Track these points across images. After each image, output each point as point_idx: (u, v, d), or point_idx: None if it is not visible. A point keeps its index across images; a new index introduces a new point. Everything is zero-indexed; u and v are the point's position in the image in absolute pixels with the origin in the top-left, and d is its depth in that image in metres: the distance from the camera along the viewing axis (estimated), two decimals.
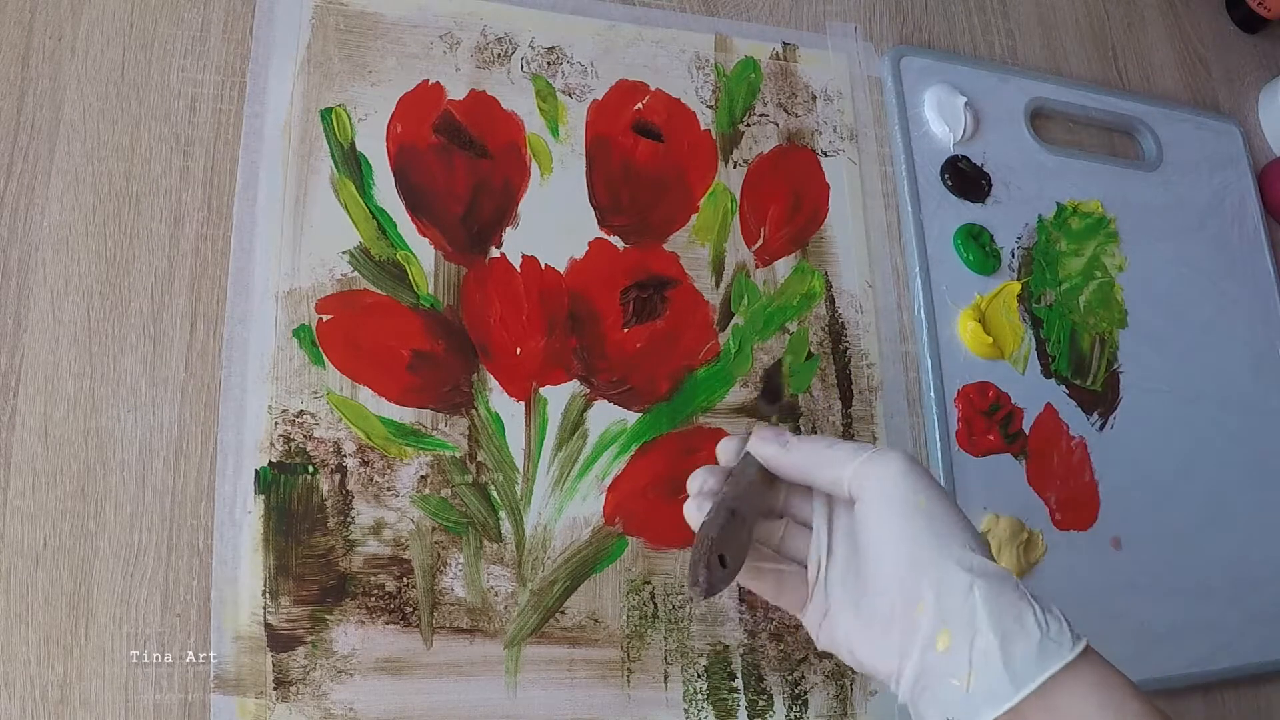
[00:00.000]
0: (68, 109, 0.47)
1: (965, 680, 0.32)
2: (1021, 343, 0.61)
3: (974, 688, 0.32)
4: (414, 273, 0.50)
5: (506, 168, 0.53)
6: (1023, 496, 0.57)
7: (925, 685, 0.34)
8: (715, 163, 0.58)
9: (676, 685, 0.49)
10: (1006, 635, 0.32)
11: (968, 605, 0.33)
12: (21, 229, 0.45)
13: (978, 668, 0.32)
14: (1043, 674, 0.32)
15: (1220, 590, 0.61)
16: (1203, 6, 0.80)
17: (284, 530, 0.45)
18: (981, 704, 0.32)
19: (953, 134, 0.63)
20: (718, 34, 0.61)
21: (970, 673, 0.32)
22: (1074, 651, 0.32)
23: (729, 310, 0.55)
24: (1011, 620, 0.33)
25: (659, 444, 0.52)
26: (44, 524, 0.42)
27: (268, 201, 0.49)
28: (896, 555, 0.35)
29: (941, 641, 0.33)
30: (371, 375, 0.48)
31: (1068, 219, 0.65)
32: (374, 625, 0.45)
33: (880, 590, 0.35)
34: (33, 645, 0.41)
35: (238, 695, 0.42)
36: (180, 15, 0.50)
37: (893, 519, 0.35)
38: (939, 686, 0.33)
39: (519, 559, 0.48)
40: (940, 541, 0.34)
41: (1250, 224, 0.72)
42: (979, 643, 0.32)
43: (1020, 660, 0.32)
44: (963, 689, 0.32)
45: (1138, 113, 0.71)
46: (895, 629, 0.34)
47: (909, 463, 0.36)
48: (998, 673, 0.32)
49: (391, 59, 0.53)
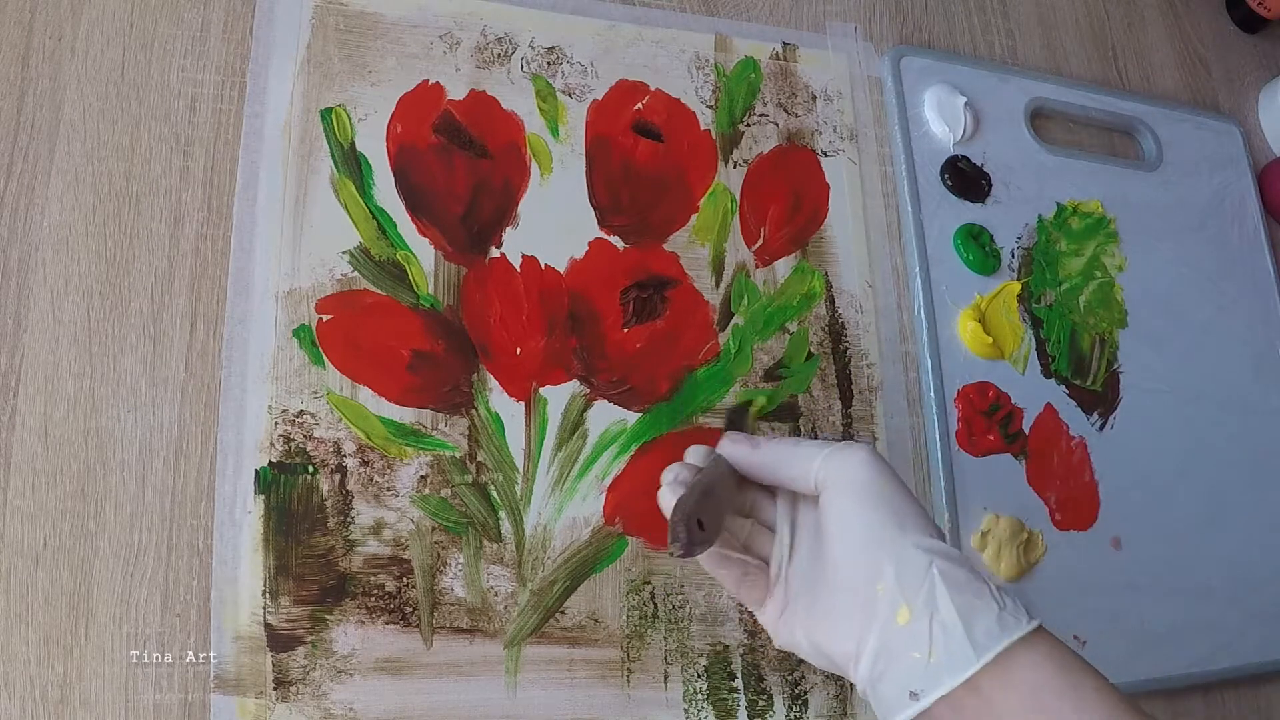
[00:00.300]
0: (68, 109, 0.47)
1: (927, 651, 0.34)
2: (1021, 343, 0.61)
3: (936, 658, 0.33)
4: (414, 273, 0.50)
5: (506, 168, 0.53)
6: (1023, 496, 0.57)
7: (886, 663, 0.35)
8: (715, 163, 0.58)
9: (676, 685, 0.49)
10: (966, 608, 0.34)
11: (927, 581, 0.34)
12: (21, 229, 0.45)
13: (938, 639, 0.33)
14: (1003, 642, 0.33)
15: (1220, 590, 0.61)
16: (1203, 6, 0.80)
17: (284, 530, 0.45)
18: (944, 673, 0.33)
19: (953, 134, 0.63)
20: (718, 34, 0.61)
21: (931, 644, 0.34)
22: (1031, 625, 0.34)
23: (729, 310, 0.55)
24: (971, 595, 0.34)
25: (659, 444, 0.52)
26: (44, 524, 0.42)
27: (268, 201, 0.49)
28: (858, 538, 0.36)
29: (902, 616, 0.34)
30: (371, 375, 0.48)
31: (1068, 219, 0.65)
32: (374, 625, 0.45)
33: (840, 573, 0.36)
34: (33, 645, 0.41)
35: (238, 695, 0.42)
36: (180, 15, 0.50)
37: (855, 505, 0.37)
38: (899, 661, 0.34)
39: (519, 559, 0.48)
40: (900, 525, 0.36)
41: (1250, 224, 0.72)
42: (940, 616, 0.34)
43: (981, 631, 0.33)
44: (924, 660, 0.33)
45: (1138, 113, 0.71)
46: (854, 610, 0.36)
47: (872, 454, 0.38)
48: (960, 642, 0.33)
49: (391, 59, 0.53)
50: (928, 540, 0.36)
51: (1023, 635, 0.33)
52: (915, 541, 0.35)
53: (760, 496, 0.42)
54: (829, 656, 0.37)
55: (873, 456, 0.38)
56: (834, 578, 0.37)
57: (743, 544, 0.42)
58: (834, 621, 0.36)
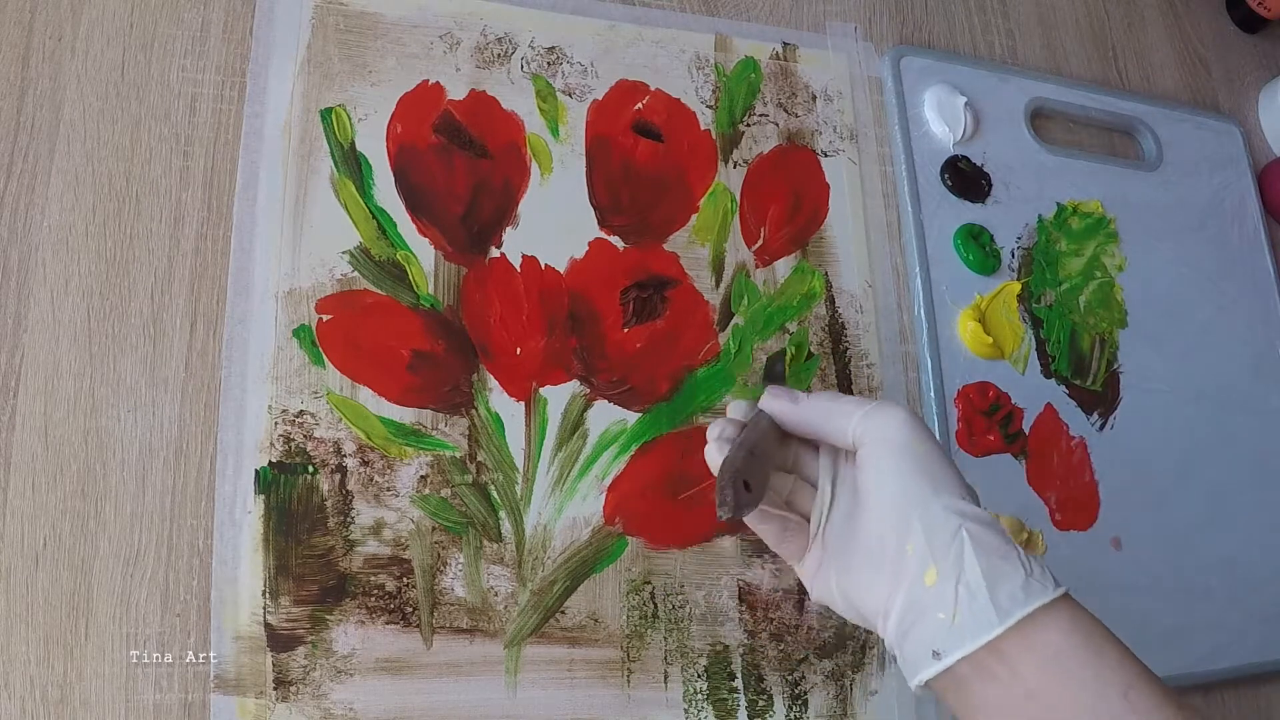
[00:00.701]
0: (68, 109, 0.47)
1: (951, 613, 0.34)
2: (1021, 343, 0.61)
3: (959, 620, 0.34)
4: (414, 273, 0.50)
5: (506, 168, 0.53)
6: (1023, 496, 0.57)
7: (912, 620, 0.35)
8: (715, 163, 0.58)
9: (676, 685, 0.49)
10: (992, 572, 0.34)
11: (956, 543, 0.35)
12: (21, 229, 0.45)
13: (963, 601, 0.34)
14: (1027, 608, 0.33)
15: (1220, 590, 0.61)
16: (1203, 6, 0.80)
17: (284, 530, 0.45)
18: (966, 635, 0.33)
19: (953, 134, 0.63)
20: (718, 34, 0.61)
21: (956, 606, 0.34)
22: (1056, 592, 0.34)
23: (729, 310, 0.55)
24: (998, 559, 0.34)
25: (659, 444, 0.52)
26: (44, 524, 0.42)
27: (268, 201, 0.49)
28: (892, 497, 0.36)
29: (929, 577, 0.34)
30: (371, 375, 0.48)
31: (1068, 219, 0.65)
32: (374, 625, 0.45)
33: (874, 530, 0.37)
34: (33, 645, 0.41)
35: (238, 695, 0.42)
36: (180, 15, 0.50)
37: (890, 463, 0.37)
38: (925, 620, 0.34)
39: (519, 559, 0.48)
40: (934, 486, 0.36)
41: (1250, 224, 0.72)
42: (966, 578, 0.34)
43: (1005, 595, 0.34)
44: (948, 621, 0.34)
45: (1138, 113, 0.71)
46: (886, 567, 0.36)
47: (909, 414, 0.38)
48: (984, 605, 0.33)
49: (391, 59, 0.53)
50: (959, 503, 0.36)
51: (1047, 602, 0.34)
52: (947, 503, 0.36)
53: (803, 451, 0.42)
54: (860, 611, 0.38)
55: (910, 416, 0.38)
56: (868, 534, 0.37)
57: (785, 500, 0.42)
58: (866, 577, 0.37)
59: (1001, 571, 0.34)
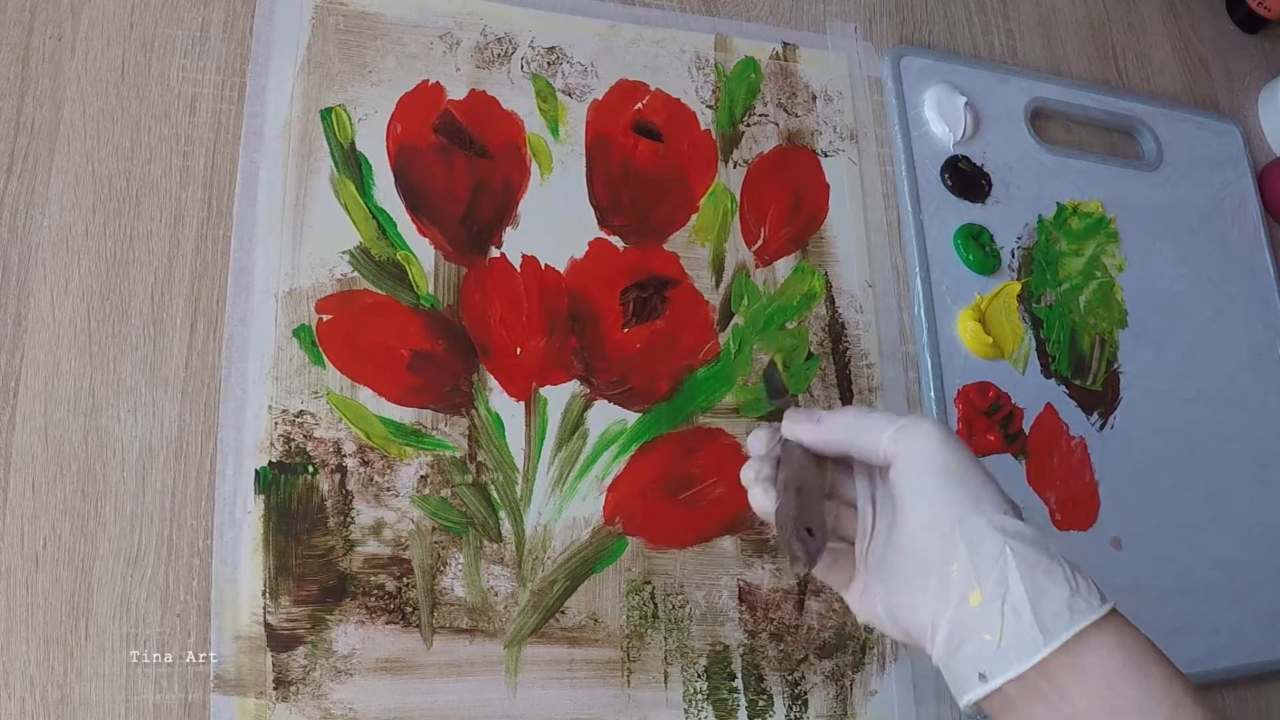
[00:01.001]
0: (68, 109, 0.47)
1: (997, 635, 0.33)
2: (1021, 343, 0.61)
3: (1005, 642, 0.33)
4: (414, 273, 0.50)
5: (506, 168, 0.53)
6: (1023, 496, 0.57)
7: (959, 641, 0.34)
8: (715, 163, 0.58)
9: (676, 685, 0.49)
10: (1037, 591, 0.33)
11: (1000, 563, 0.34)
12: (21, 229, 0.45)
13: (1009, 622, 0.33)
14: (1072, 629, 0.33)
15: (1220, 590, 0.61)
16: (1203, 6, 0.80)
17: (284, 530, 0.45)
18: (1013, 657, 0.33)
19: (953, 134, 0.63)
20: (718, 34, 0.61)
21: (1002, 627, 0.33)
22: (1102, 610, 0.33)
23: (729, 310, 0.55)
24: (1043, 577, 0.34)
25: (659, 444, 0.52)
26: (44, 524, 0.42)
27: (268, 201, 0.49)
28: (932, 517, 0.36)
29: (974, 598, 0.34)
30: (371, 375, 0.48)
31: (1068, 219, 0.65)
32: (374, 625, 0.45)
33: (916, 549, 0.36)
34: (33, 645, 0.41)
35: (238, 695, 0.42)
36: (180, 15, 0.50)
37: (927, 483, 0.36)
38: (971, 642, 0.34)
39: (519, 559, 0.48)
40: (974, 504, 0.35)
41: (1250, 224, 0.72)
42: (1010, 599, 0.33)
43: (1050, 615, 0.33)
44: (994, 643, 0.33)
45: (1138, 113, 0.71)
46: (930, 588, 0.35)
47: (943, 430, 0.37)
48: (1029, 626, 0.33)
49: (391, 59, 0.53)
50: (1002, 518, 0.35)
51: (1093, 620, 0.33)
52: (990, 520, 0.35)
53: (838, 471, 0.42)
54: (907, 631, 0.37)
55: (944, 432, 0.37)
56: (910, 553, 0.36)
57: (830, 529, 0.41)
58: (911, 597, 0.36)
59: (1046, 590, 0.33)
